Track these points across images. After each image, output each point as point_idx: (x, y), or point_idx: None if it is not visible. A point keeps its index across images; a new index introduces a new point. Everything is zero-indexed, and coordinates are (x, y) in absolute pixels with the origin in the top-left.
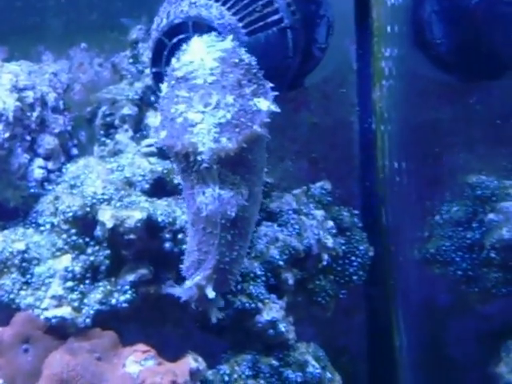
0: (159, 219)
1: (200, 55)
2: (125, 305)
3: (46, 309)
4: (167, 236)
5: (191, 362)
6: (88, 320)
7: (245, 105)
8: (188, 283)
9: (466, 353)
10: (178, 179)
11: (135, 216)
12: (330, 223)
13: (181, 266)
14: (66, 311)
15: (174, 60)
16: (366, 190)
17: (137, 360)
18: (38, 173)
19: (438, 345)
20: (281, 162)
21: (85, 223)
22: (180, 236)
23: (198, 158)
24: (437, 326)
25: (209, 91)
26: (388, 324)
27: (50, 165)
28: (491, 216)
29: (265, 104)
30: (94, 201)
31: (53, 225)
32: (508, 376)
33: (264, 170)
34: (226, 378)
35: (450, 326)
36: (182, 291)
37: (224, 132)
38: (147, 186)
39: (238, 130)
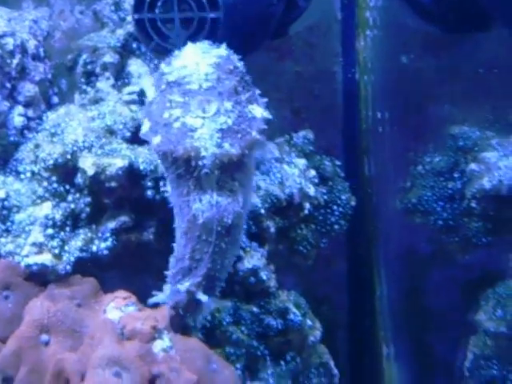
0: (141, 167)
1: (194, 60)
2: (105, 252)
3: (26, 256)
4: (149, 184)
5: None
6: (68, 267)
7: (242, 111)
8: (168, 288)
9: (445, 301)
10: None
11: (116, 163)
12: (312, 172)
13: (166, 272)
14: (46, 258)
15: (163, 65)
16: (348, 140)
17: (117, 306)
18: (18, 121)
19: (418, 294)
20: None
21: (65, 171)
22: (161, 184)
23: (200, 162)
24: (417, 275)
25: (206, 97)
26: (369, 273)
27: (31, 112)
28: (472, 166)
29: (259, 111)
30: (75, 148)
31: (33, 173)
32: (486, 324)
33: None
34: (207, 325)
35: (431, 275)
36: (167, 296)
37: (226, 138)
38: (128, 133)
39: (240, 136)
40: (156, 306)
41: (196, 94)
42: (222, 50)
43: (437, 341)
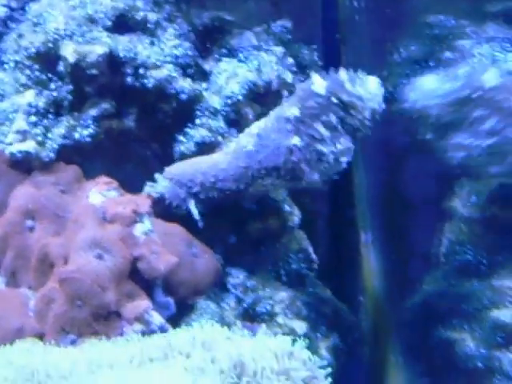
0: (121, 54)
1: None
2: (88, 139)
3: (10, 143)
4: (129, 71)
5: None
6: (52, 154)
7: None
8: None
9: (422, 190)
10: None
11: (97, 51)
12: (290, 60)
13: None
14: (30, 145)
15: None
16: (326, 29)
17: (99, 191)
18: (1, 11)
19: (395, 183)
20: (244, 2)
21: (48, 59)
22: (141, 71)
23: None
24: (395, 165)
25: None
26: (348, 164)
27: (14, 3)
28: (448, 54)
29: None
30: (57, 36)
31: (16, 62)
32: (461, 210)
33: None
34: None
35: (407, 166)
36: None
37: None
38: (109, 22)
39: None
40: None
41: None
42: None
43: (413, 228)
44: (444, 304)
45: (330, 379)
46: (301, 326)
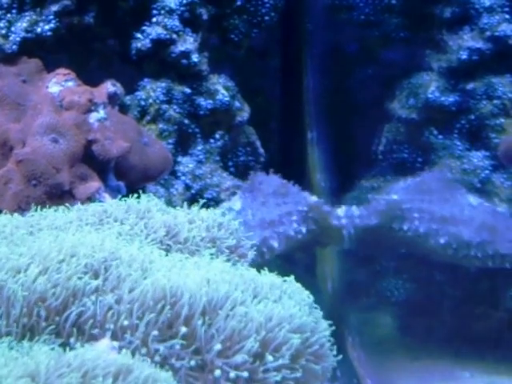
0: None
1: None
2: (49, 33)
3: None
4: None
5: (109, 86)
6: (15, 46)
7: None
8: None
9: (366, 94)
10: None
11: None
12: None
13: None
14: None
15: None
16: None
17: (58, 81)
18: None
19: (341, 86)
20: None
21: None
22: None
23: None
24: (342, 72)
25: None
26: (299, 67)
27: None
28: None
29: None
30: None
31: None
32: (400, 111)
33: None
34: (142, 103)
35: (355, 72)
36: None
37: None
38: None
39: None
40: None
41: None
42: None
43: (356, 129)
44: None
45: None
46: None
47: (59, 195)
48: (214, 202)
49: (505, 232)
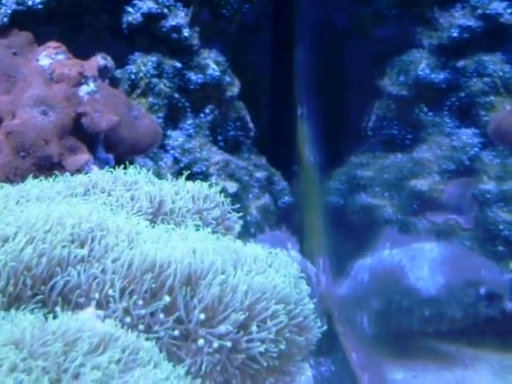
0: None
1: None
2: (40, 6)
3: None
4: None
5: (100, 60)
6: (6, 19)
7: None
8: None
9: (357, 70)
10: None
11: None
12: None
13: None
14: None
15: None
16: None
17: (48, 54)
18: None
19: (333, 62)
20: None
21: None
22: None
23: None
24: (333, 48)
25: None
26: (290, 43)
27: None
28: None
29: None
30: None
31: None
32: (390, 88)
33: None
34: (133, 77)
35: (346, 49)
36: None
37: None
38: None
39: None
40: None
41: None
42: None
43: (346, 105)
44: (368, 173)
45: (240, 222)
46: (232, 186)
47: (48, 167)
48: (202, 176)
49: None
